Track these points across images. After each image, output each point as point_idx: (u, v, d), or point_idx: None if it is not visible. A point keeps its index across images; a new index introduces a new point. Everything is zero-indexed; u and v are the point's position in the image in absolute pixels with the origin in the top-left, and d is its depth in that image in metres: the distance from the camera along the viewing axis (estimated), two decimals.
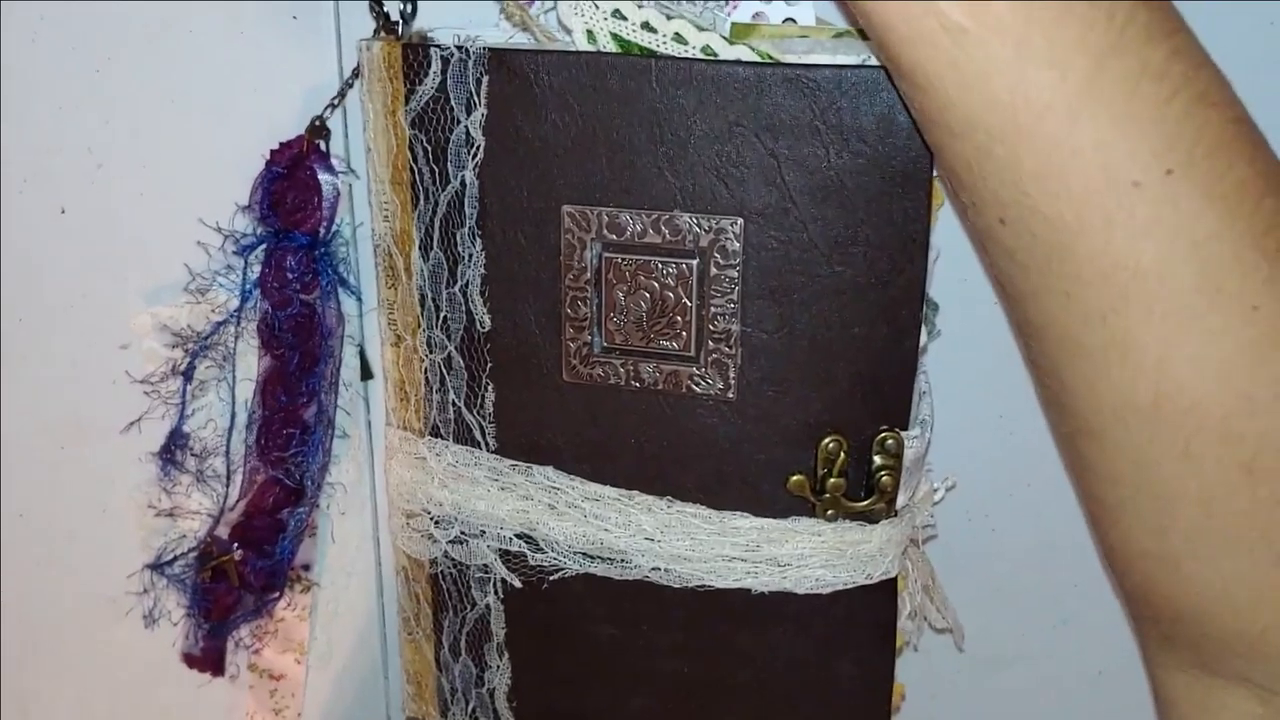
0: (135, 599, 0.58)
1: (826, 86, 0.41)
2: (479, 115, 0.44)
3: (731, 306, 0.44)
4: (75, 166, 0.55)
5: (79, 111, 0.54)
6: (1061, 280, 0.35)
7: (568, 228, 0.45)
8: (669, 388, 0.45)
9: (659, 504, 0.46)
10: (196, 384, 0.55)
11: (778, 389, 0.44)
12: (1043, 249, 0.35)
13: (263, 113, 0.52)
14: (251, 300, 0.53)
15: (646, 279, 0.44)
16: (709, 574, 0.46)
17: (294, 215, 0.51)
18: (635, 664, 0.49)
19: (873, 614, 0.47)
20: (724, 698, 0.49)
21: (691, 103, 0.42)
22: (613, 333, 0.45)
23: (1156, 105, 0.33)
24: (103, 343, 0.56)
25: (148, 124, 0.53)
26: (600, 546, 0.47)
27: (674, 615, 0.48)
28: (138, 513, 0.58)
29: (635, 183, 0.43)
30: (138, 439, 0.56)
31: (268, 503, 0.55)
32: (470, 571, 0.50)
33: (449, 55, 0.44)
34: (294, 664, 0.58)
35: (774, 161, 0.42)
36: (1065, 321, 0.36)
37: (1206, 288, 0.33)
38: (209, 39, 0.52)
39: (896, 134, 0.41)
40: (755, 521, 0.46)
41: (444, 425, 0.49)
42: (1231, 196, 0.33)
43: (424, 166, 0.46)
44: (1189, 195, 0.33)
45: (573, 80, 0.43)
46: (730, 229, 0.43)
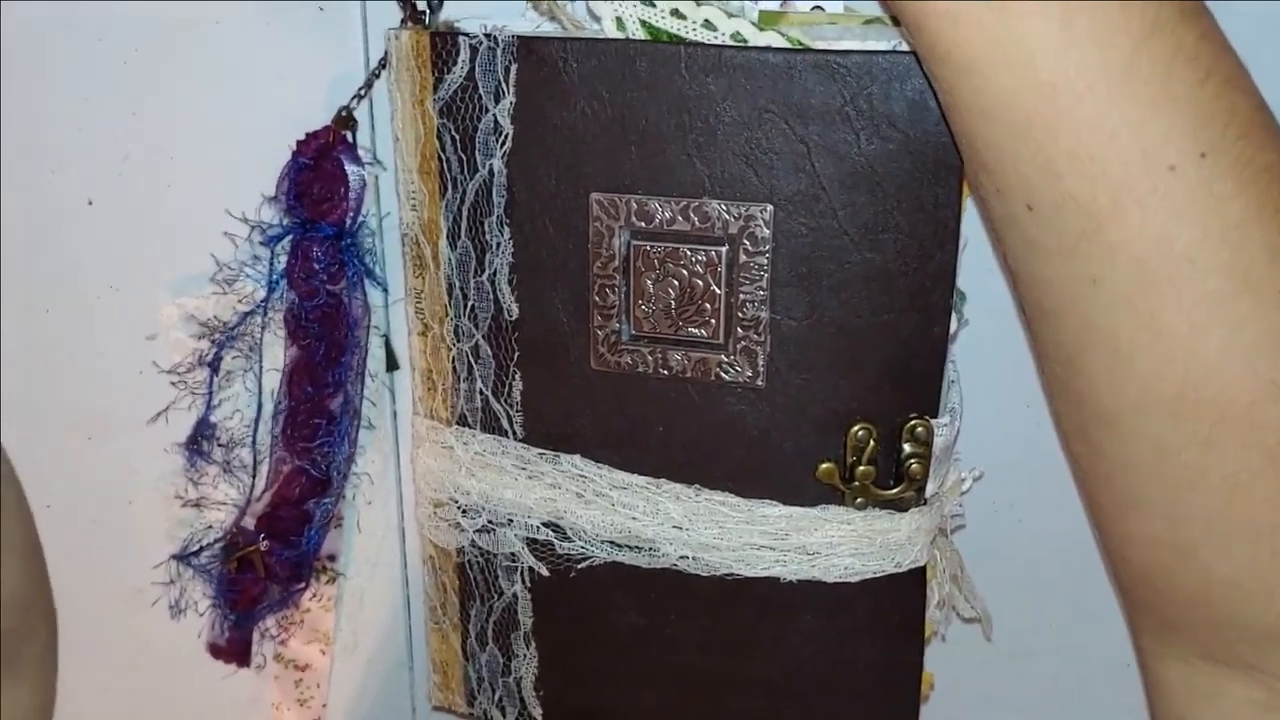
0: (162, 589, 0.58)
1: (857, 72, 0.41)
2: (507, 103, 0.44)
3: (761, 294, 0.44)
4: (102, 158, 0.55)
5: (106, 103, 0.54)
6: (1090, 264, 0.34)
7: (596, 215, 0.45)
8: (697, 375, 0.45)
9: (687, 492, 0.46)
10: (223, 374, 0.55)
11: (807, 376, 0.44)
12: (1072, 234, 0.34)
13: (289, 104, 0.52)
14: (278, 291, 0.53)
15: (675, 266, 0.44)
16: (737, 562, 0.46)
17: (320, 206, 0.52)
18: (662, 653, 0.49)
19: (901, 603, 0.47)
20: (752, 686, 0.49)
21: (721, 89, 0.42)
22: (641, 321, 0.45)
23: (1191, 87, 0.33)
24: (130, 334, 0.56)
25: (174, 116, 0.53)
26: (628, 535, 0.47)
27: (702, 604, 0.48)
28: (164, 503, 0.58)
29: (664, 170, 0.43)
30: (164, 430, 0.56)
31: (294, 493, 0.55)
32: (497, 560, 0.50)
33: (478, 44, 0.44)
34: (319, 654, 0.58)
35: (804, 148, 0.42)
36: (1088, 309, 0.35)
37: (1236, 273, 0.33)
38: (235, 30, 0.52)
39: (927, 120, 0.41)
40: (784, 509, 0.46)
41: (471, 414, 0.49)
42: (1261, 180, 0.33)
43: (452, 155, 0.46)
44: (1222, 178, 0.33)
45: (601, 68, 0.43)
46: (760, 216, 0.43)
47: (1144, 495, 0.37)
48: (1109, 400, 0.36)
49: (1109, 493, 0.39)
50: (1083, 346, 0.36)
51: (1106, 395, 0.36)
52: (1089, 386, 0.37)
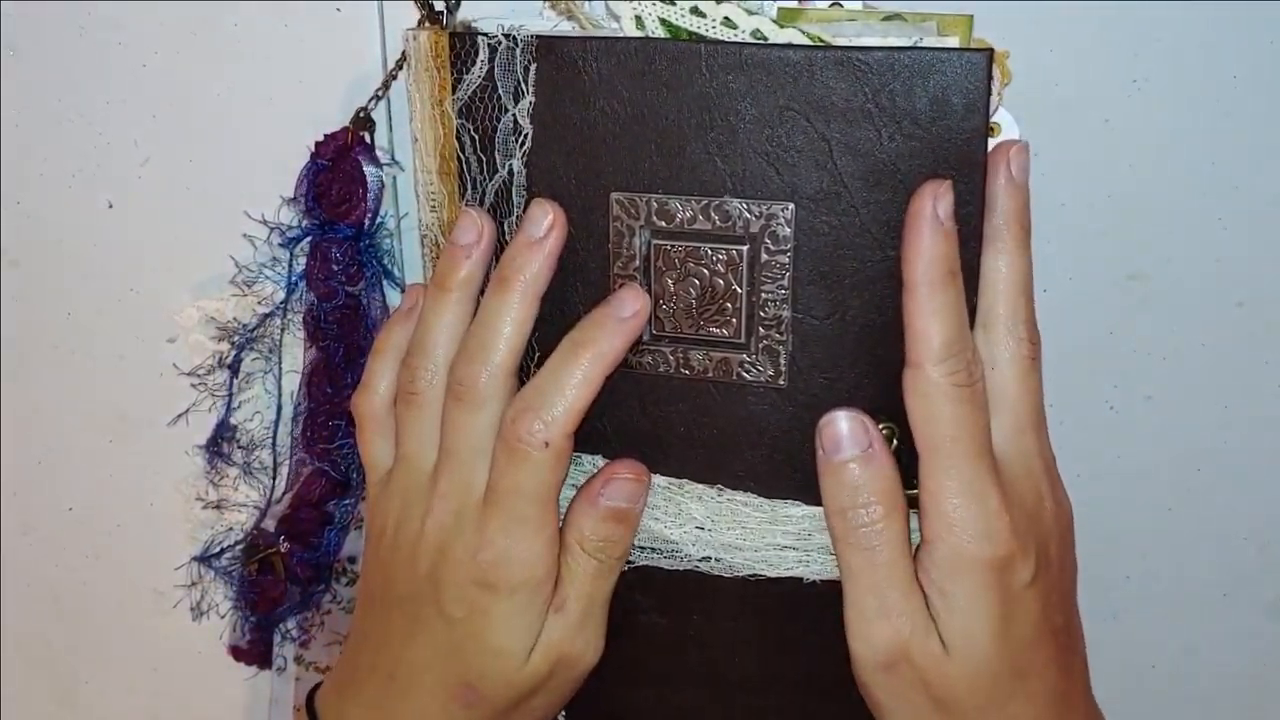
0: (183, 591, 0.58)
1: (878, 69, 0.40)
2: (527, 103, 0.44)
3: (782, 293, 0.43)
4: (122, 161, 0.55)
5: (125, 106, 0.54)
6: None
7: (616, 215, 0.44)
8: (719, 375, 0.45)
9: (709, 492, 0.46)
10: (243, 376, 0.55)
11: (829, 376, 0.44)
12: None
13: (307, 105, 0.52)
14: (297, 292, 0.53)
15: (696, 266, 0.44)
16: (760, 563, 0.46)
17: (339, 207, 0.52)
18: (685, 653, 0.49)
19: None
20: (775, 688, 0.49)
21: (741, 87, 0.42)
22: (662, 320, 0.45)
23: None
24: (150, 336, 0.57)
25: (193, 118, 0.54)
26: (650, 536, 0.47)
27: (725, 605, 0.48)
28: (185, 505, 0.58)
29: (684, 169, 0.43)
30: (185, 432, 0.56)
31: (314, 495, 0.55)
32: None
33: (496, 43, 0.44)
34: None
35: (825, 145, 0.42)
36: None
37: None
38: (253, 32, 0.52)
39: (950, 117, 0.40)
40: (807, 509, 0.45)
41: None
42: None
43: (471, 156, 0.46)
44: None
45: (621, 66, 0.43)
46: (781, 214, 0.43)
47: None
48: None
49: None
50: None
51: None
52: None
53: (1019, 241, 0.42)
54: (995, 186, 0.41)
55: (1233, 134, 0.47)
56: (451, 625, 0.43)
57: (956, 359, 0.40)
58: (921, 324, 0.40)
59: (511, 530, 0.42)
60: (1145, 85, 0.47)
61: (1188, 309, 0.50)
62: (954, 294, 0.40)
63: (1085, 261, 0.50)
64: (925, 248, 0.39)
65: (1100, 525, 0.54)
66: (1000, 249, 0.41)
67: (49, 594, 0.64)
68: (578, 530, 0.44)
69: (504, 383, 0.43)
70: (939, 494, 0.40)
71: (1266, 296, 0.50)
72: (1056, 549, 0.43)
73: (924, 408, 0.40)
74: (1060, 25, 0.46)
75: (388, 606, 0.45)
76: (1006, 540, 0.40)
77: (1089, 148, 0.48)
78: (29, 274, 0.58)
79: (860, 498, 0.41)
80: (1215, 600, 0.54)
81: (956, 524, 0.40)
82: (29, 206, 0.57)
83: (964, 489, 0.40)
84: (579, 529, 0.44)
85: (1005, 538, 0.40)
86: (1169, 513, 0.53)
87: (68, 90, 0.54)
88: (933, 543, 0.41)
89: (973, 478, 0.40)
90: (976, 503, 0.40)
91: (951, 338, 0.40)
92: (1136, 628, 0.55)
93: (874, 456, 0.41)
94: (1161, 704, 0.56)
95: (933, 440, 0.40)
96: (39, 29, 0.54)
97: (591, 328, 0.43)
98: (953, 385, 0.40)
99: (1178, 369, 0.51)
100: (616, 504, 0.43)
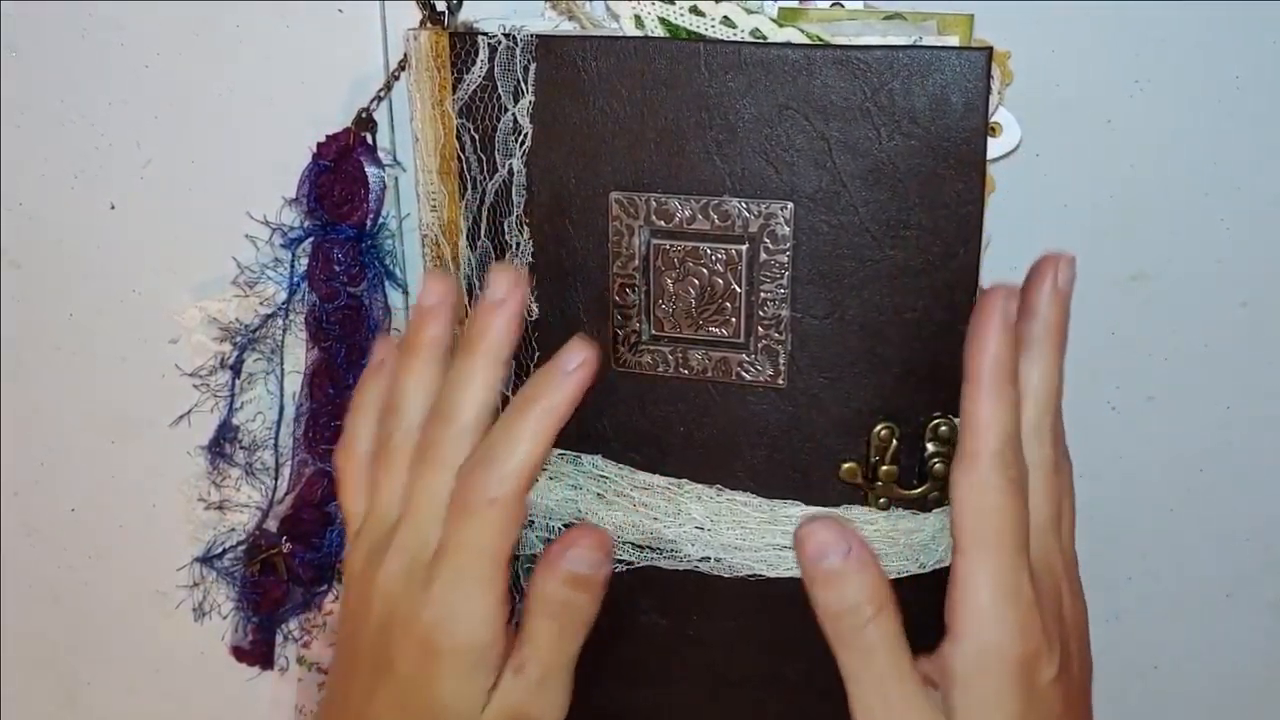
0: (185, 592, 0.59)
1: (878, 68, 0.40)
2: (526, 103, 0.44)
3: (781, 292, 0.43)
4: (124, 162, 0.55)
5: (127, 107, 0.54)
6: None
7: (615, 215, 0.44)
8: (718, 375, 0.45)
9: (709, 492, 0.46)
10: (245, 377, 0.55)
11: (829, 375, 0.44)
12: None
13: (309, 106, 0.52)
14: (299, 293, 0.53)
15: (695, 265, 0.44)
16: (760, 563, 0.46)
17: (340, 208, 0.52)
18: (685, 654, 0.49)
19: (925, 603, 0.46)
20: (774, 688, 0.49)
21: (741, 86, 0.42)
22: (661, 320, 0.45)
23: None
24: (152, 337, 0.57)
25: (195, 119, 0.54)
26: (650, 536, 0.47)
27: (725, 605, 0.47)
28: (187, 506, 0.58)
29: (684, 168, 0.43)
30: (187, 433, 0.56)
31: (316, 495, 0.55)
32: (519, 562, 0.50)
33: (496, 43, 0.44)
34: None
35: (824, 144, 0.42)
36: None
37: None
38: (255, 33, 0.52)
39: (949, 115, 0.40)
40: (807, 509, 0.45)
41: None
42: None
43: (471, 155, 0.46)
44: None
45: (620, 66, 0.43)
46: (780, 214, 0.43)
47: None
48: None
49: None
50: None
51: None
52: None
53: (1057, 350, 0.43)
54: (1039, 293, 0.42)
55: (1235, 134, 0.47)
56: (402, 682, 0.43)
57: (1013, 455, 0.40)
58: (983, 417, 0.40)
59: (457, 588, 0.42)
60: (1147, 85, 0.47)
61: (1190, 309, 0.50)
62: (1014, 392, 0.41)
63: (1087, 262, 0.49)
64: (994, 346, 0.40)
65: (1102, 525, 0.53)
66: (1037, 357, 0.42)
67: (50, 594, 0.64)
68: (539, 592, 0.43)
69: (470, 442, 0.43)
70: (975, 587, 0.40)
71: (1269, 297, 0.49)
72: (1076, 646, 0.43)
73: (975, 499, 0.40)
74: (1062, 25, 0.46)
75: (354, 658, 0.45)
76: (1036, 636, 0.40)
77: (1091, 148, 0.48)
78: (31, 275, 0.58)
79: (849, 600, 0.41)
80: (1218, 601, 0.54)
81: (990, 619, 0.40)
82: (31, 207, 0.57)
83: (1001, 584, 0.40)
84: (540, 591, 0.43)
85: (1035, 633, 0.40)
86: (1171, 513, 0.53)
87: (69, 91, 0.54)
88: (962, 637, 0.41)
89: (1011, 573, 0.40)
90: (1012, 598, 0.40)
91: (1010, 434, 0.40)
92: (1138, 628, 0.55)
93: (856, 557, 0.41)
94: (1163, 705, 0.56)
95: (978, 533, 0.40)
96: (40, 30, 0.54)
97: (540, 383, 0.42)
98: (1007, 480, 0.40)
99: (1180, 369, 0.51)
100: (578, 569, 0.43)
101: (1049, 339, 0.42)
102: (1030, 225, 0.49)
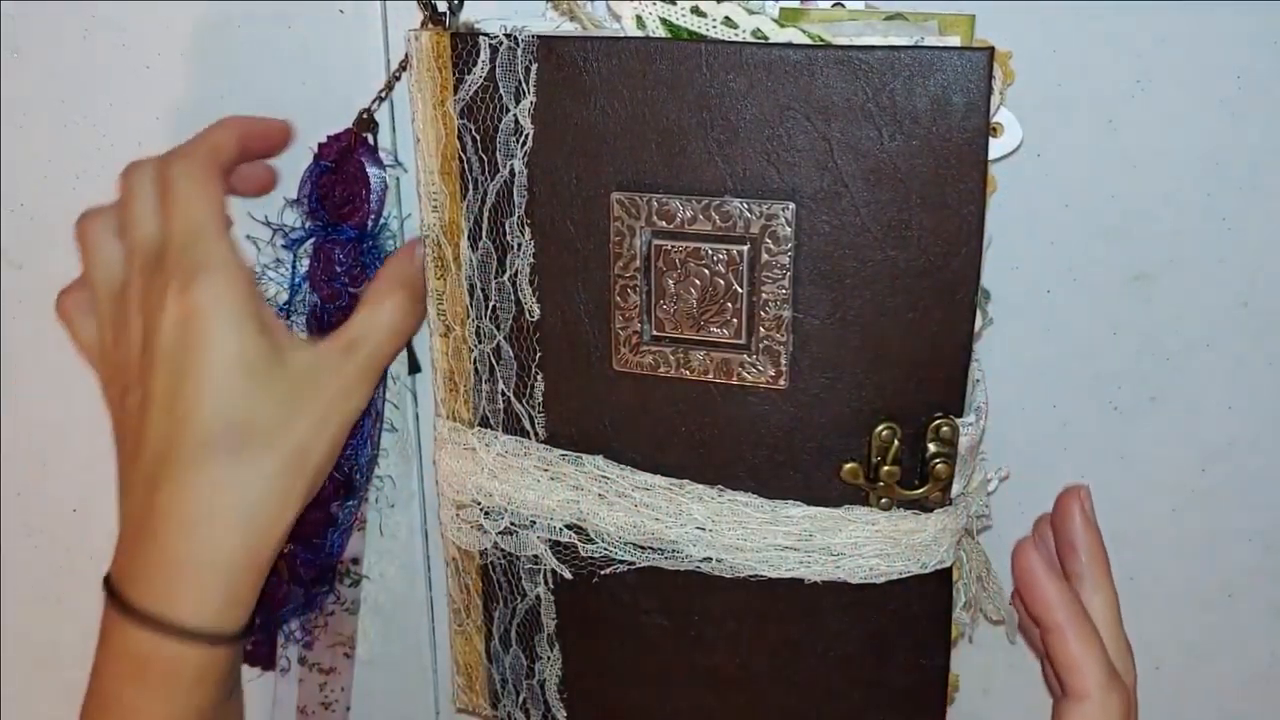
0: None
1: (879, 68, 0.40)
2: (528, 103, 0.44)
3: (783, 293, 0.43)
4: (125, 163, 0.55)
5: (129, 108, 0.54)
6: None
7: (617, 215, 0.44)
8: (720, 376, 0.45)
9: (710, 493, 0.46)
10: None
11: (830, 376, 0.44)
12: None
13: (310, 106, 0.52)
14: (300, 294, 0.53)
15: (697, 266, 0.44)
16: (761, 564, 0.46)
17: (342, 209, 0.52)
18: (686, 654, 0.49)
19: (927, 604, 0.46)
20: (777, 689, 0.49)
21: (742, 87, 0.42)
22: (662, 321, 0.45)
23: None
24: None
25: (198, 119, 0.54)
26: (651, 536, 0.47)
27: (726, 606, 0.48)
28: None
29: (685, 169, 0.43)
30: None
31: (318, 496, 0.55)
32: (520, 562, 0.50)
33: (498, 44, 0.44)
34: (343, 658, 0.58)
35: (826, 145, 0.42)
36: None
37: None
38: (256, 34, 0.52)
39: (950, 116, 0.40)
40: (808, 510, 0.45)
41: (493, 415, 0.49)
42: None
43: (473, 156, 0.46)
44: None
45: (622, 66, 0.43)
46: (782, 214, 0.42)
47: None
48: None
49: None
50: None
51: None
52: None
53: (1107, 576, 0.48)
54: (1073, 527, 0.48)
55: (1236, 134, 0.47)
56: (171, 366, 0.45)
57: (1112, 679, 0.44)
58: (1080, 659, 0.44)
59: (189, 244, 0.45)
60: (1149, 85, 0.47)
61: (1192, 309, 0.50)
62: (1090, 623, 0.45)
63: (1089, 262, 0.50)
64: (1054, 594, 0.45)
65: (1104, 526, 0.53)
66: (1094, 588, 0.47)
67: (51, 595, 0.64)
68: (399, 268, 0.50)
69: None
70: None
71: (1271, 296, 0.49)
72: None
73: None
74: (1063, 25, 0.46)
75: (121, 393, 0.48)
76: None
77: (1093, 148, 0.48)
78: (32, 275, 0.58)
79: None
80: (1220, 601, 0.54)
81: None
82: (32, 208, 0.57)
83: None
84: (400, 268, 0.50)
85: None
86: (1173, 513, 0.53)
87: (71, 92, 0.54)
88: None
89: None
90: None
91: (1106, 663, 0.45)
92: (1141, 629, 0.55)
93: None
94: (1165, 705, 0.56)
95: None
96: (42, 30, 0.54)
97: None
98: (1122, 702, 0.44)
99: (1182, 369, 0.51)
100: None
101: (1097, 568, 0.47)
102: (1032, 225, 0.49)
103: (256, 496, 0.45)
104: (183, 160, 0.46)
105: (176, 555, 0.44)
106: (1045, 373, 0.51)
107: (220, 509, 0.44)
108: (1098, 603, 0.47)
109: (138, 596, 0.45)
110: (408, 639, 0.60)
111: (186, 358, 0.44)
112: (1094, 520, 0.48)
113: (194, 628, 0.44)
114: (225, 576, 0.45)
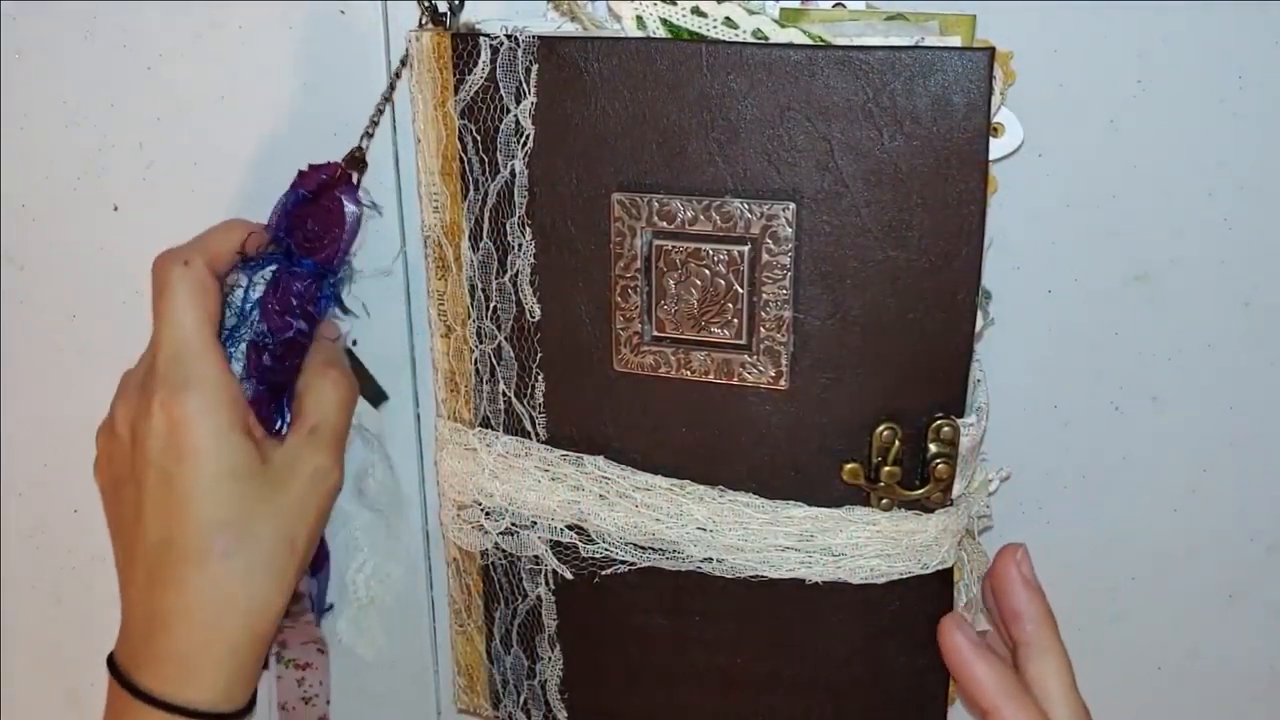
0: None
1: (879, 68, 0.40)
2: (528, 104, 0.44)
3: (784, 293, 0.43)
4: (126, 164, 0.55)
5: (130, 109, 0.54)
6: None
7: (618, 216, 0.44)
8: (720, 376, 0.45)
9: (711, 493, 0.46)
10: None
11: (831, 376, 0.44)
12: None
13: (311, 108, 0.52)
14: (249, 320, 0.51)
15: (697, 266, 0.44)
16: (762, 564, 0.46)
17: (310, 242, 0.50)
18: (688, 655, 0.49)
19: (928, 604, 0.46)
20: (778, 689, 0.49)
21: (743, 87, 0.42)
22: (663, 321, 0.45)
23: None
24: None
25: (198, 121, 0.54)
26: (652, 537, 0.47)
27: (727, 606, 0.47)
28: None
29: (686, 169, 0.43)
30: None
31: None
32: (521, 563, 0.50)
33: (498, 44, 0.44)
34: (317, 653, 0.58)
35: (827, 145, 0.42)
36: None
37: None
38: (257, 35, 0.52)
39: (951, 116, 0.40)
40: (809, 511, 0.45)
41: (494, 416, 0.49)
42: None
43: (473, 156, 0.46)
44: None
45: (622, 67, 0.43)
46: (783, 214, 0.42)
47: None
48: None
49: None
50: None
51: None
52: None
53: (1055, 637, 0.47)
54: (1016, 595, 0.47)
55: (1237, 134, 0.47)
56: (159, 469, 0.48)
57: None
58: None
59: (174, 363, 0.48)
60: (1149, 85, 0.47)
61: (1193, 310, 0.50)
62: (1027, 696, 0.45)
63: (1090, 262, 0.50)
64: (983, 675, 0.44)
65: (1105, 526, 0.53)
66: (1042, 650, 0.46)
67: (52, 595, 0.64)
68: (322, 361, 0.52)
69: None
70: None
71: (1272, 297, 0.49)
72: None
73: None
74: (1064, 25, 0.46)
75: (117, 491, 0.51)
76: None
77: (1094, 148, 0.48)
78: (33, 276, 0.58)
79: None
80: (1221, 601, 0.54)
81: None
82: (33, 208, 0.57)
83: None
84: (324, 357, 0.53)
85: None
86: (1174, 513, 0.53)
87: (72, 93, 0.54)
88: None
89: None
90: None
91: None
92: (1141, 629, 0.55)
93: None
94: (1166, 705, 0.56)
95: None
96: (44, 32, 0.54)
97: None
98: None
99: (1183, 370, 0.51)
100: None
101: (1045, 631, 0.46)
102: (1032, 225, 0.49)
103: (256, 585, 0.48)
104: (182, 267, 0.48)
105: (188, 646, 0.48)
106: (1046, 373, 0.51)
107: (224, 602, 0.48)
108: (1050, 667, 0.46)
109: (149, 683, 0.48)
110: (409, 639, 0.60)
111: (178, 468, 0.47)
112: (1035, 581, 0.47)
113: (206, 709, 0.48)
114: (232, 660, 0.48)
